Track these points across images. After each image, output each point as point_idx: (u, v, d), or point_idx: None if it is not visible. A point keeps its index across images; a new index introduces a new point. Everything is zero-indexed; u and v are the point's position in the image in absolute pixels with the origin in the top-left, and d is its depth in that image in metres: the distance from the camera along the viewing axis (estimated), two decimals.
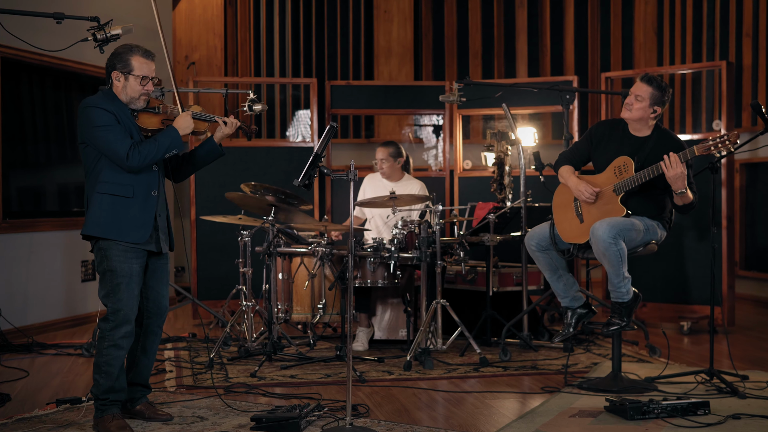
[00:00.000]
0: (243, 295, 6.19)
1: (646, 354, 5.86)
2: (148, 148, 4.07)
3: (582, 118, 10.40)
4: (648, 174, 4.65)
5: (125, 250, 4.08)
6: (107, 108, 4.05)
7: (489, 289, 6.19)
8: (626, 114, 4.87)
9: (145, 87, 4.14)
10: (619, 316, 4.75)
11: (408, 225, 5.92)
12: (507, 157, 7.14)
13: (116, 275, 4.06)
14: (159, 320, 4.30)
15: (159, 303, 4.29)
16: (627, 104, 4.87)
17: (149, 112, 4.22)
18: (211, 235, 7.53)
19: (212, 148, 4.39)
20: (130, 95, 4.14)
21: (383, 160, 6.63)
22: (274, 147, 7.77)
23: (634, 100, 4.84)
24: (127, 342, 4.11)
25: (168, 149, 4.12)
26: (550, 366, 5.53)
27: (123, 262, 4.08)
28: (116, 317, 4.06)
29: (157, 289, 4.29)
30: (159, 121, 4.22)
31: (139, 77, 4.12)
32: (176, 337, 6.60)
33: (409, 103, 8.03)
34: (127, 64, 4.11)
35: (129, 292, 4.08)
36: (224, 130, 4.37)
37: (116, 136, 4.02)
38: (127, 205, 4.09)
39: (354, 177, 4.04)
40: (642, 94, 4.81)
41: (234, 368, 5.48)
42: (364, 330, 6.22)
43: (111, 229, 4.06)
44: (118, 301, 4.06)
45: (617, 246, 4.60)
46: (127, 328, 4.08)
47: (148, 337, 4.31)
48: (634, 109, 4.83)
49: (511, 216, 6.44)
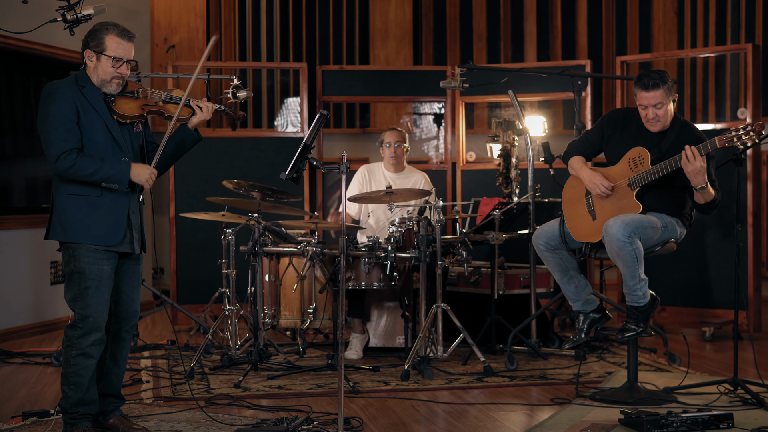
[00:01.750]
0: (226, 298, 6.18)
1: (664, 362, 5.86)
2: (87, 164, 4.01)
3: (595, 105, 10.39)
4: (666, 167, 4.64)
5: (95, 251, 4.07)
6: (69, 95, 4.02)
7: (494, 292, 6.19)
8: (657, 127, 4.80)
9: (118, 70, 4.09)
10: (635, 321, 4.75)
11: (406, 222, 5.92)
12: (514, 149, 7.14)
13: (85, 278, 4.05)
14: (128, 325, 4.29)
15: (129, 307, 4.28)
16: (650, 119, 4.78)
17: (127, 97, 4.19)
18: (192, 234, 7.52)
19: (188, 134, 4.35)
20: (101, 77, 4.10)
21: (398, 144, 6.62)
22: (261, 137, 7.76)
23: (656, 111, 4.78)
24: (97, 350, 4.10)
25: (106, 180, 4.05)
26: (561, 376, 5.53)
27: (92, 264, 4.06)
28: (85, 324, 4.05)
29: (128, 292, 4.27)
30: (138, 107, 4.20)
31: (111, 58, 4.07)
32: (154, 344, 6.59)
33: (407, 89, 8.02)
34: (101, 43, 4.07)
35: (99, 296, 4.07)
36: (199, 115, 4.35)
37: (59, 132, 3.98)
38: (95, 205, 4.07)
39: (346, 170, 4.04)
40: (659, 101, 4.75)
41: (216, 378, 5.48)
42: (358, 337, 6.22)
43: (79, 232, 4.05)
44: (87, 307, 4.05)
45: (633, 245, 4.60)
46: (96, 335, 4.08)
47: (117, 343, 4.29)
48: (661, 117, 4.78)
49: (518, 212, 6.43)
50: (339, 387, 3.99)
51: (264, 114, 10.75)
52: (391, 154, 6.63)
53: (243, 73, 10.31)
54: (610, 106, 10.54)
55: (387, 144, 6.65)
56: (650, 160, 4.73)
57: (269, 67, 9.80)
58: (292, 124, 10.59)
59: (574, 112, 6.16)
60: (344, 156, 4.09)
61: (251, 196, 5.75)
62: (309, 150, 4.21)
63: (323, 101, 7.90)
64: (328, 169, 4.10)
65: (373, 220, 6.64)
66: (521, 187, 7.13)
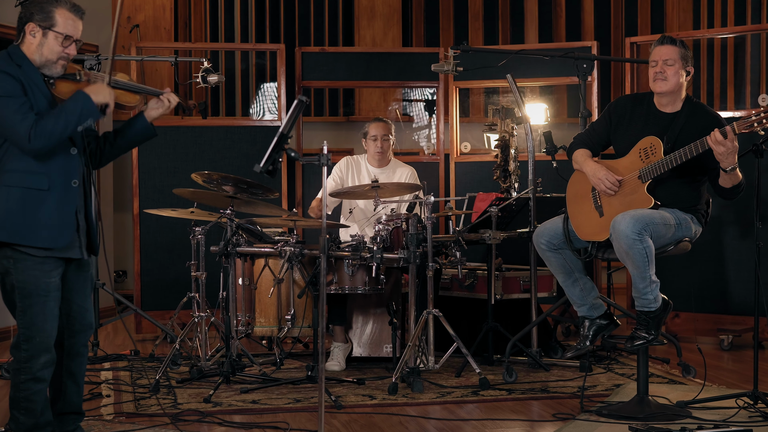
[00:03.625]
0: (195, 304, 6.17)
1: (678, 374, 5.87)
2: (52, 121, 3.87)
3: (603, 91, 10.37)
4: (682, 156, 4.64)
5: (41, 262, 3.95)
6: (11, 73, 3.89)
7: (491, 297, 6.19)
8: (662, 86, 4.85)
9: (66, 49, 4.00)
10: (645, 328, 4.75)
11: (394, 220, 5.91)
12: (513, 139, 7.14)
13: (28, 293, 3.94)
14: (84, 338, 4.22)
15: (83, 320, 4.19)
16: (658, 74, 4.86)
17: (68, 80, 4.07)
18: (158, 233, 7.51)
19: (143, 128, 4.26)
20: (46, 56, 3.98)
21: (386, 138, 6.62)
22: (234, 126, 7.74)
23: (665, 66, 4.83)
24: (49, 372, 4.03)
25: (80, 120, 3.91)
26: (564, 388, 5.53)
27: (38, 278, 3.94)
28: (31, 346, 3.95)
29: (80, 303, 4.17)
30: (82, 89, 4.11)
31: (61, 36, 3.97)
32: (115, 355, 6.58)
33: (396, 73, 8.01)
34: (49, 17, 3.95)
35: (46, 314, 3.96)
36: (159, 107, 4.26)
37: (18, 109, 3.84)
38: (41, 200, 3.94)
39: (327, 161, 4.03)
40: (671, 57, 4.81)
41: (184, 392, 5.46)
42: (341, 346, 6.21)
43: (20, 231, 3.91)
44: (32, 326, 3.95)
45: (643, 243, 4.60)
46: (46, 356, 3.99)
47: (73, 359, 4.21)
48: (669, 76, 4.82)
49: (517, 209, 6.43)
50: (319, 401, 3.98)
51: (238, 101, 10.71)
52: (377, 149, 6.63)
53: (214, 56, 10.27)
54: (619, 92, 10.54)
55: (372, 137, 6.65)
56: (663, 150, 4.73)
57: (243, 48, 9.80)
58: (269, 111, 10.57)
59: (579, 99, 6.15)
60: (324, 146, 4.08)
61: (223, 191, 5.73)
62: (286, 140, 4.20)
63: (303, 86, 7.88)
64: (307, 160, 4.09)
65: (357, 216, 6.64)
66: (521, 181, 7.12)
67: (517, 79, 6.53)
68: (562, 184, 5.26)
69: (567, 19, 10.88)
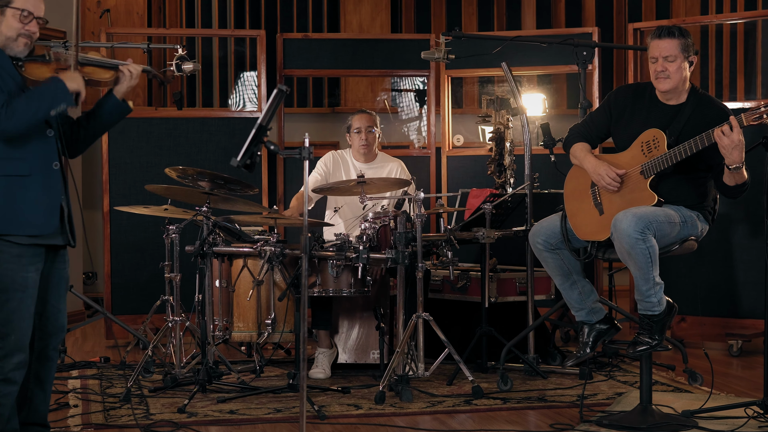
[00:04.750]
0: (169, 307, 6.16)
1: (684, 381, 5.89)
2: (24, 103, 3.94)
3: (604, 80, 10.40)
4: (686, 149, 4.65)
5: (19, 255, 4.00)
6: None
7: (485, 300, 6.19)
8: (665, 85, 4.85)
9: (26, 26, 4.04)
10: (649, 333, 4.76)
11: (381, 218, 5.91)
12: (508, 131, 7.14)
13: (6, 288, 3.98)
14: (55, 341, 4.25)
15: (56, 320, 4.23)
16: (659, 73, 4.84)
17: (38, 62, 4.14)
18: (129, 231, 7.50)
19: (113, 106, 4.31)
20: (5, 35, 4.03)
21: (370, 130, 6.62)
22: (211, 118, 7.74)
23: (666, 63, 4.82)
24: (21, 374, 4.05)
25: (52, 104, 3.98)
26: (563, 397, 5.54)
27: (16, 271, 3.99)
28: (6, 344, 3.99)
29: (54, 302, 4.21)
30: (51, 72, 4.15)
31: (19, 12, 4.02)
32: (84, 362, 6.57)
33: (384, 61, 8.01)
34: None
35: (23, 310, 4.01)
36: (127, 80, 4.30)
37: None
38: (24, 187, 4.00)
39: (309, 155, 4.03)
40: (671, 53, 4.80)
41: (157, 402, 5.46)
42: (326, 352, 6.21)
43: (4, 221, 3.98)
44: (8, 323, 3.98)
45: (646, 243, 4.61)
46: (19, 356, 4.02)
47: (43, 363, 4.23)
48: (671, 73, 4.82)
49: (512, 206, 6.44)
50: (301, 411, 3.98)
51: (215, 90, 10.71)
52: (362, 142, 6.63)
53: (190, 43, 10.26)
54: (621, 82, 10.57)
55: (356, 130, 6.66)
56: (666, 143, 4.73)
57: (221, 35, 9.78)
58: (249, 102, 10.56)
59: (579, 89, 6.16)
60: (306, 138, 4.07)
61: (199, 187, 5.73)
62: (265, 132, 4.19)
63: (285, 75, 7.87)
64: (287, 154, 4.09)
65: (344, 215, 6.63)
66: (517, 176, 7.13)
67: (513, 68, 6.54)
68: (560, 180, 5.26)
69: (566, 4, 10.89)
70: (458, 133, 8.29)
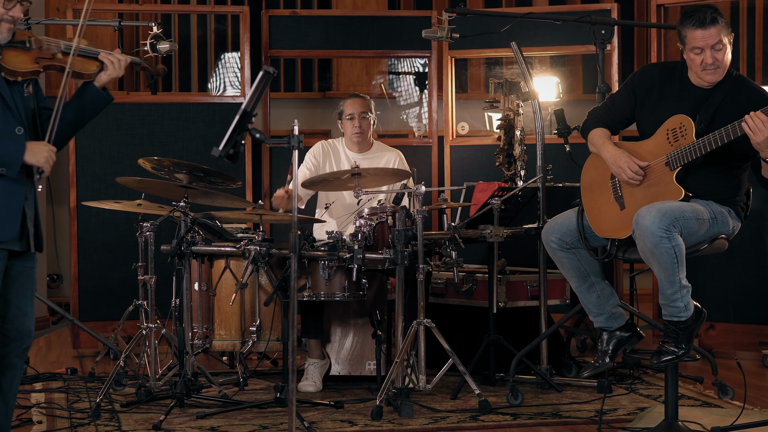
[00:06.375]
0: (143, 313, 6.16)
1: (713, 395, 5.89)
2: None
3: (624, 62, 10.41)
4: (717, 139, 4.64)
5: None
6: None
7: (492, 305, 6.20)
8: (715, 77, 4.79)
9: (10, 11, 4.07)
10: (674, 341, 4.76)
11: (377, 214, 5.90)
12: (518, 118, 7.15)
13: None
14: (20, 349, 4.25)
15: (21, 325, 4.24)
16: (708, 66, 4.79)
17: (17, 48, 4.17)
18: (99, 229, 7.50)
19: (93, 96, 4.34)
20: None
21: (363, 116, 6.62)
22: (189, 103, 7.74)
23: (715, 54, 4.78)
24: None
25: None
26: (579, 413, 5.55)
27: None
28: None
29: (19, 304, 4.22)
30: (32, 60, 4.19)
31: None
32: (48, 373, 6.57)
33: (380, 41, 8.01)
34: None
35: None
36: (110, 70, 4.33)
37: None
38: None
39: (298, 144, 4.03)
40: (719, 40, 4.75)
41: (130, 417, 5.46)
42: (317, 363, 6.22)
43: None
44: None
45: (672, 241, 4.60)
46: None
47: (5, 373, 4.25)
48: (720, 62, 4.79)
49: (523, 201, 6.44)
50: (290, 428, 3.98)
51: (194, 73, 10.71)
52: (355, 129, 6.63)
53: (166, 20, 10.25)
54: (643, 63, 10.56)
55: (348, 116, 6.65)
56: (695, 132, 4.73)
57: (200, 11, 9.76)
58: (231, 85, 10.57)
59: (597, 71, 6.16)
60: (295, 125, 4.07)
61: (176, 179, 5.72)
62: (250, 118, 4.19)
63: (271, 56, 7.87)
64: (275, 143, 4.10)
65: (336, 212, 6.63)
66: (528, 167, 7.14)
67: (524, 48, 6.53)
68: (576, 172, 5.26)
69: None
70: (463, 120, 8.28)
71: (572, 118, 6.29)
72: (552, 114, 6.59)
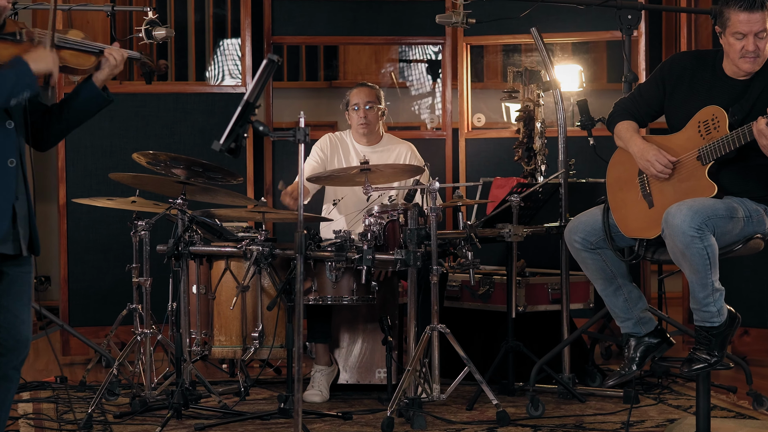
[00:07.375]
0: (138, 318, 6.16)
1: (747, 405, 5.89)
2: None
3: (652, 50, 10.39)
4: (749, 133, 4.63)
5: None
6: None
7: (511, 309, 6.20)
8: (754, 66, 4.77)
9: None
10: (707, 348, 4.76)
11: (388, 212, 5.90)
12: (538, 109, 7.15)
13: None
14: (15, 359, 4.21)
15: (18, 333, 4.19)
16: (749, 53, 4.78)
17: (7, 41, 4.13)
18: (90, 228, 7.51)
19: (90, 96, 4.31)
20: None
21: (369, 105, 6.61)
22: (187, 93, 7.76)
23: (757, 41, 4.75)
24: None
25: (12, 92, 3.97)
26: (604, 425, 5.55)
27: None
28: None
29: (15, 311, 4.18)
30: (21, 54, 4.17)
31: None
32: (36, 382, 6.59)
33: (390, 27, 8.02)
34: None
35: None
36: (110, 66, 4.31)
37: None
38: None
39: (304, 137, 4.03)
40: (764, 27, 4.74)
41: (124, 429, 5.48)
42: (324, 370, 6.22)
43: None
44: None
45: (704, 241, 4.60)
46: None
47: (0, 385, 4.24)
48: (762, 51, 4.77)
49: (544, 197, 6.44)
50: None
51: (191, 61, 10.72)
52: (360, 120, 6.63)
53: (161, 5, 10.26)
54: (672, 50, 10.56)
55: (354, 106, 6.65)
56: (728, 124, 4.72)
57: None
58: (231, 75, 10.57)
59: (623, 59, 6.15)
60: (301, 118, 4.07)
61: (173, 175, 5.73)
62: (253, 110, 4.20)
63: (274, 43, 7.88)
64: (279, 136, 4.09)
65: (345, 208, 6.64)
66: (549, 162, 7.14)
67: (545, 34, 6.53)
68: (601, 167, 5.26)
69: None
70: (479, 111, 8.28)
71: (596, 109, 6.30)
72: (575, 105, 6.60)
